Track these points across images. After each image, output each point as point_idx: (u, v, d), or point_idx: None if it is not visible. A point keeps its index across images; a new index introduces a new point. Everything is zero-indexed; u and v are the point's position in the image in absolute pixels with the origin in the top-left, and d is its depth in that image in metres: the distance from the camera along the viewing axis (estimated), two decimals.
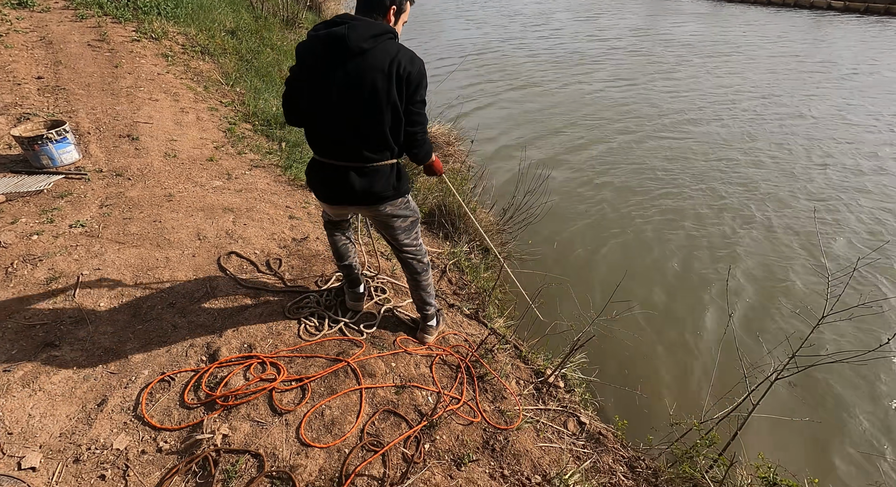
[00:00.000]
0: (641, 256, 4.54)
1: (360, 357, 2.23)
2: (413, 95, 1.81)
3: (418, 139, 1.93)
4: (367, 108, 1.81)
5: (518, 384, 2.70)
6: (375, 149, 1.90)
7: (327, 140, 1.92)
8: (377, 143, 1.89)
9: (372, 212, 2.12)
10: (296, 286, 2.68)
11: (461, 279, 3.64)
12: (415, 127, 1.88)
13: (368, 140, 1.87)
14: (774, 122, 7.67)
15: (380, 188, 1.96)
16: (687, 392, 3.12)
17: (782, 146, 6.84)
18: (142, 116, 4.42)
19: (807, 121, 7.80)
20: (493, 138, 7.06)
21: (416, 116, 1.86)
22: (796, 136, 7.16)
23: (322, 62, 1.81)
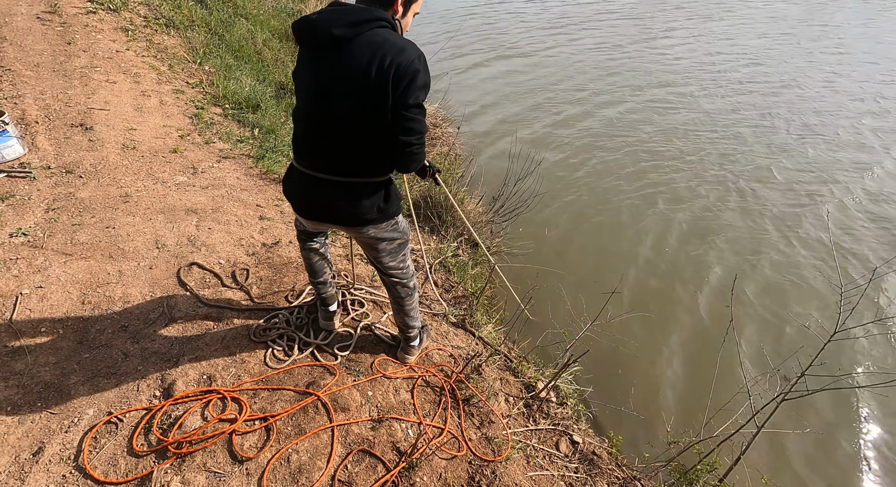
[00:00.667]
0: (636, 245, 4.34)
1: (332, 387, 2.02)
2: (404, 96, 1.49)
3: (413, 153, 1.60)
4: (344, 113, 1.53)
5: (507, 402, 2.53)
6: (358, 162, 1.63)
7: (304, 145, 1.65)
8: (360, 156, 1.62)
9: (353, 233, 1.87)
10: (263, 302, 2.44)
11: (447, 280, 3.42)
12: (408, 135, 1.55)
13: (349, 151, 1.60)
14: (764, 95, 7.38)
15: (363, 209, 1.70)
16: (686, 400, 2.98)
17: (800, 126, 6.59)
18: (97, 102, 4.04)
19: (792, 91, 7.54)
20: (480, 114, 6.71)
21: (409, 123, 1.53)
22: (779, 109, 6.91)
23: (302, 53, 1.57)
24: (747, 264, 4.04)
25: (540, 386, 2.72)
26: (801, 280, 3.80)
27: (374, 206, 1.73)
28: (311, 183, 1.69)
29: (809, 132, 6.47)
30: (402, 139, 1.57)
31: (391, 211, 1.81)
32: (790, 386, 2.15)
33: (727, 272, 3.92)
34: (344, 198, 1.68)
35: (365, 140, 1.58)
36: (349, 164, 1.64)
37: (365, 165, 1.65)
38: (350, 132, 1.57)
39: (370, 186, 1.71)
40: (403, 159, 1.63)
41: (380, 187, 1.73)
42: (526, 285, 3.70)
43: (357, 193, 1.69)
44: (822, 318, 3.19)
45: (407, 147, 1.59)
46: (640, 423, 2.90)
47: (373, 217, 1.75)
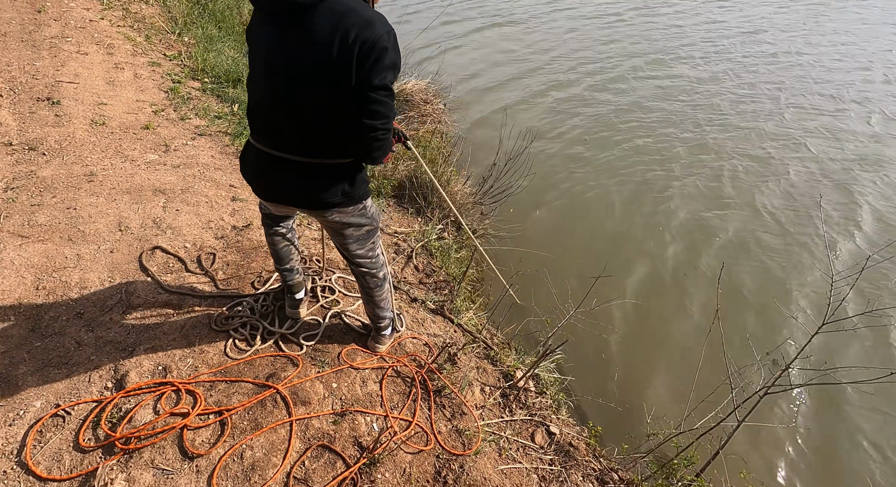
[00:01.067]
0: (628, 227, 4.21)
1: (293, 379, 1.93)
2: (369, 76, 1.35)
3: (378, 139, 1.47)
4: (303, 88, 1.39)
5: (483, 392, 2.45)
6: (320, 143, 1.50)
7: (260, 121, 1.52)
8: (322, 136, 1.49)
9: (317, 217, 1.76)
10: (228, 289, 2.34)
11: (429, 264, 3.31)
12: (373, 119, 1.42)
13: (310, 130, 1.47)
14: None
15: (326, 193, 1.58)
16: (671, 390, 2.90)
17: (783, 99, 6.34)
18: (66, 74, 3.85)
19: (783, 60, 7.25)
20: (472, 87, 6.47)
21: (374, 105, 1.40)
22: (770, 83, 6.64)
23: (258, 19, 1.43)
24: (739, 251, 3.90)
25: (519, 375, 2.64)
26: (794, 271, 3.67)
27: (339, 190, 1.61)
28: (268, 162, 1.56)
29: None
30: (367, 123, 1.44)
31: (358, 194, 1.68)
32: (773, 380, 2.06)
33: (718, 257, 3.80)
34: (305, 179, 1.56)
35: (327, 119, 1.45)
36: (310, 144, 1.51)
37: (328, 146, 1.52)
38: (310, 110, 1.43)
39: (335, 168, 1.58)
40: (367, 146, 1.50)
41: (345, 170, 1.60)
42: (514, 269, 3.59)
43: (320, 175, 1.56)
44: (811, 309, 3.08)
45: (371, 131, 1.46)
46: (623, 412, 2.83)
47: (337, 201, 1.63)
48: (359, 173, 1.67)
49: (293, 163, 1.54)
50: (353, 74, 1.37)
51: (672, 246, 3.99)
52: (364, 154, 1.55)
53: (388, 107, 1.46)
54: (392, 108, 1.49)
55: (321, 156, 1.53)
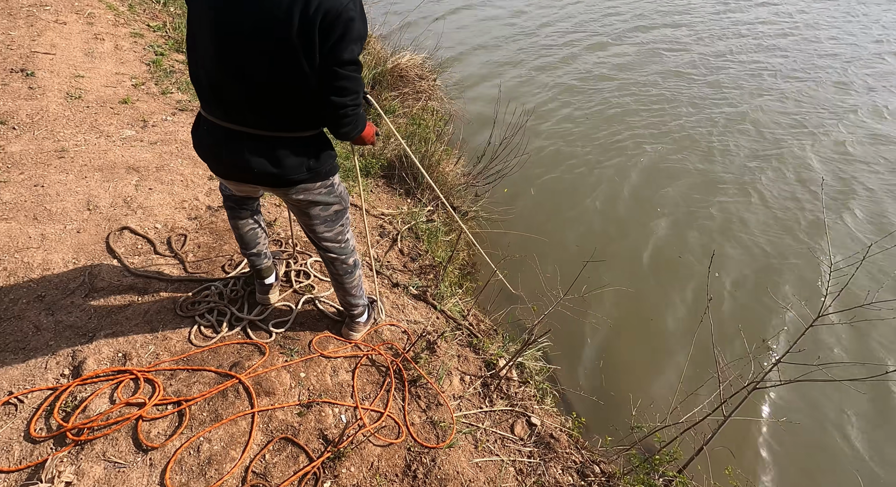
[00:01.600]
0: (622, 210, 4.07)
1: (257, 369, 1.85)
2: (336, 51, 1.24)
3: (348, 115, 1.38)
4: (258, 58, 1.26)
5: (462, 381, 2.37)
6: (280, 115, 1.38)
7: (210, 91, 1.39)
8: (281, 108, 1.37)
9: (281, 196, 1.65)
10: (198, 272, 2.25)
11: (415, 248, 3.20)
12: (342, 96, 1.33)
13: (267, 101, 1.35)
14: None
15: (287, 168, 1.47)
16: (658, 378, 2.82)
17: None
18: (43, 44, 3.70)
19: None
20: (469, 58, 6.24)
21: (342, 82, 1.31)
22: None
23: None
24: (732, 236, 3.75)
25: (502, 363, 2.56)
26: (788, 260, 3.52)
27: (303, 165, 1.50)
28: (222, 136, 1.44)
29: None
30: (335, 101, 1.34)
31: (323, 170, 1.57)
32: (763, 375, 1.96)
33: (711, 242, 3.65)
34: (264, 154, 1.44)
35: (288, 92, 1.32)
36: (269, 117, 1.38)
37: (289, 118, 1.40)
38: (266, 81, 1.30)
39: (296, 142, 1.46)
40: (337, 124, 1.41)
41: (309, 143, 1.49)
42: (502, 254, 3.48)
43: (280, 149, 1.44)
44: (804, 298, 2.94)
45: (340, 109, 1.36)
46: (609, 402, 2.75)
47: (301, 177, 1.52)
48: (324, 147, 1.55)
49: (251, 137, 1.42)
50: (317, 48, 1.24)
51: (666, 229, 3.85)
52: (332, 129, 1.46)
53: (356, 82, 1.35)
54: (361, 83, 1.38)
55: (282, 129, 1.42)
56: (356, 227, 3.08)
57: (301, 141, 1.47)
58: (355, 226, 3.10)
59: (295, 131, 1.44)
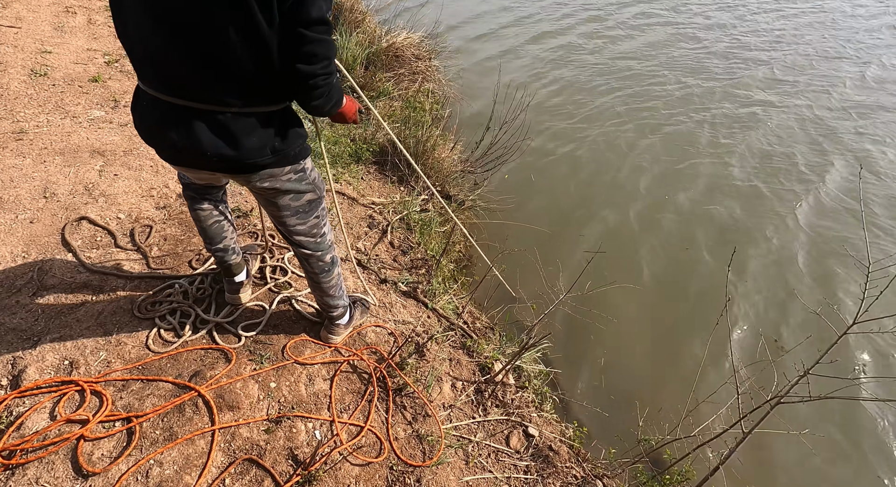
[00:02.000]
0: (631, 198, 3.83)
1: (220, 379, 1.65)
2: (297, 6, 1.02)
3: (318, 86, 1.16)
4: (197, 14, 1.03)
5: (454, 388, 2.17)
6: (234, 85, 1.15)
7: (147, 58, 1.15)
8: (233, 76, 1.13)
9: (241, 182, 1.43)
10: (161, 268, 2.03)
11: (407, 240, 2.98)
12: (311, 63, 1.11)
13: (215, 68, 1.12)
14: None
15: (247, 150, 1.24)
16: (670, 384, 2.61)
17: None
18: (8, 17, 3.44)
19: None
20: (469, 37, 5.94)
21: (310, 46, 1.09)
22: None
23: None
24: (755, 230, 3.51)
25: (497, 367, 2.36)
26: (820, 253, 3.27)
27: (266, 146, 1.27)
28: (166, 113, 1.20)
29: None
30: (303, 69, 1.11)
31: (292, 152, 1.34)
32: (788, 388, 1.75)
33: (731, 236, 3.42)
34: (217, 133, 1.20)
35: (239, 55, 1.08)
36: (222, 87, 1.15)
37: (247, 89, 1.16)
38: (213, 44, 1.07)
39: (257, 118, 1.23)
40: (307, 96, 1.19)
41: (272, 119, 1.26)
42: (504, 247, 3.26)
43: (239, 127, 1.21)
44: (837, 300, 2.71)
45: (310, 79, 1.13)
46: (615, 409, 2.55)
47: (265, 161, 1.29)
48: (292, 124, 1.32)
49: (200, 113, 1.18)
50: (275, 4, 1.01)
51: (678, 221, 3.62)
52: (301, 103, 1.24)
53: (327, 45, 1.12)
54: (332, 46, 1.14)
55: (238, 102, 1.18)
56: (343, 217, 2.86)
57: (263, 117, 1.23)
58: (342, 215, 2.88)
59: (255, 105, 1.21)
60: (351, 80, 1.50)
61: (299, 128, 1.36)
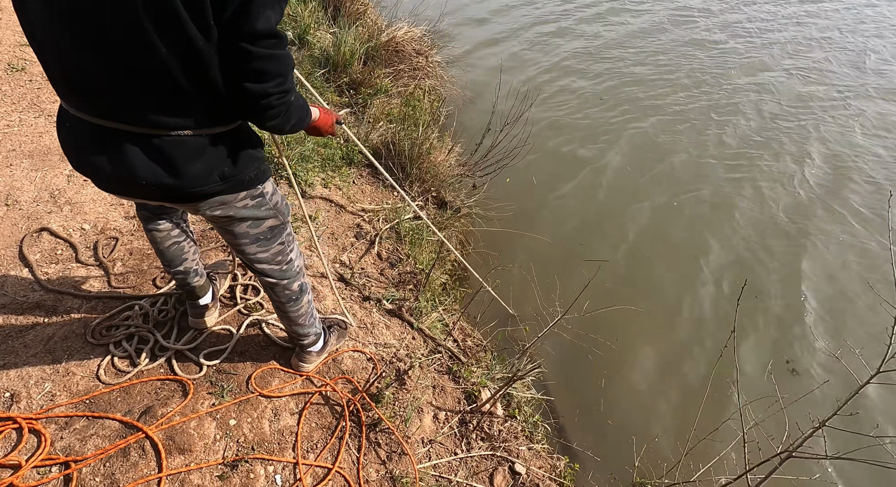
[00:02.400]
0: (638, 205, 3.63)
1: (171, 418, 1.51)
2: (238, 18, 0.86)
3: (272, 106, 0.99)
4: (119, 22, 0.87)
5: (436, 419, 2.03)
6: (167, 104, 0.99)
7: (62, 73, 0.99)
8: (168, 95, 0.97)
9: (189, 211, 1.28)
10: (122, 287, 1.89)
11: (396, 251, 2.82)
12: (260, 81, 0.94)
13: (146, 85, 0.95)
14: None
15: (190, 177, 1.08)
16: (668, 417, 2.44)
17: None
18: None
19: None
20: (475, 32, 5.72)
21: (256, 62, 0.92)
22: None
23: None
24: (768, 256, 3.28)
25: (484, 395, 2.21)
26: (843, 295, 3.00)
27: (213, 172, 1.11)
28: (92, 136, 1.04)
29: None
30: (251, 89, 0.94)
31: (245, 177, 1.18)
32: (801, 442, 1.58)
33: (741, 261, 3.21)
34: (153, 159, 1.04)
35: (173, 68, 0.92)
36: (152, 105, 0.98)
37: (184, 106, 1.00)
38: (141, 53, 0.90)
39: (201, 140, 1.06)
40: (259, 117, 1.02)
41: (220, 142, 1.09)
42: (499, 262, 3.09)
43: (176, 152, 1.04)
44: (861, 347, 2.46)
45: (262, 98, 0.96)
46: (611, 439, 2.39)
47: (213, 188, 1.13)
48: (246, 146, 1.16)
49: (132, 137, 1.02)
50: (210, 12, 0.85)
51: (692, 234, 3.42)
52: (256, 124, 1.08)
53: (279, 61, 0.95)
54: (286, 61, 0.97)
55: (177, 123, 1.01)
56: (329, 227, 2.70)
57: (209, 139, 1.07)
58: (329, 223, 2.73)
59: (198, 127, 1.04)
60: (315, 95, 1.33)
61: (254, 149, 1.19)
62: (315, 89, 3.98)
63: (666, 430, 2.33)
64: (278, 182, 2.82)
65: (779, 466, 1.59)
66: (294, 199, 2.69)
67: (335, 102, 3.94)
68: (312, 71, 4.02)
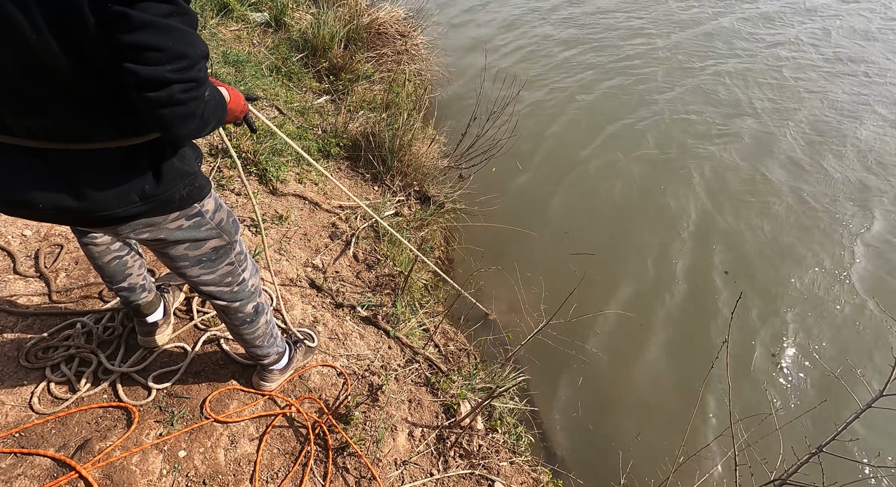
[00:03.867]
0: (628, 201, 3.49)
1: (111, 453, 1.37)
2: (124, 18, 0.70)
3: (177, 101, 0.77)
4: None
5: (411, 437, 1.91)
6: (60, 109, 0.82)
7: None
8: (58, 96, 0.80)
9: (109, 234, 1.13)
10: (64, 301, 1.73)
11: (374, 252, 2.67)
12: (150, 62, 0.73)
13: (30, 84, 0.79)
14: None
15: (100, 199, 0.91)
16: (656, 430, 2.34)
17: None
18: None
19: None
20: (461, 12, 5.46)
21: (139, 34, 0.72)
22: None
23: None
24: (763, 257, 3.13)
25: (464, 409, 2.09)
26: (848, 315, 2.84)
27: (130, 191, 0.94)
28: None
29: None
30: (139, 73, 0.73)
31: (175, 196, 1.01)
32: (795, 468, 1.48)
33: (741, 268, 3.06)
34: (54, 179, 0.88)
35: (51, 56, 0.74)
36: (39, 111, 0.81)
37: (81, 111, 0.82)
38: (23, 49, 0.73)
39: (110, 154, 0.90)
40: (158, 121, 0.79)
41: (136, 155, 0.92)
42: (482, 265, 2.95)
43: (80, 169, 0.88)
44: (862, 366, 2.30)
45: (157, 87, 0.75)
46: (597, 451, 2.29)
47: (132, 210, 0.96)
48: (169, 159, 0.98)
49: (20, 151, 0.86)
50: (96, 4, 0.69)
51: (687, 229, 3.29)
52: (158, 130, 0.86)
53: (176, 35, 0.74)
54: (190, 38, 0.76)
55: (78, 135, 0.85)
56: (302, 226, 2.54)
57: (121, 153, 0.89)
58: (301, 223, 2.56)
59: (105, 138, 0.87)
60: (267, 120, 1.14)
61: (184, 163, 1.01)
62: (293, 75, 3.78)
63: (655, 437, 2.24)
64: (247, 178, 2.64)
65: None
66: (246, 195, 2.50)
67: (314, 89, 3.73)
68: (289, 55, 3.78)
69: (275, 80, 3.44)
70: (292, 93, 3.44)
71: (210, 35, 3.44)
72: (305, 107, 3.37)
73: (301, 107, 3.35)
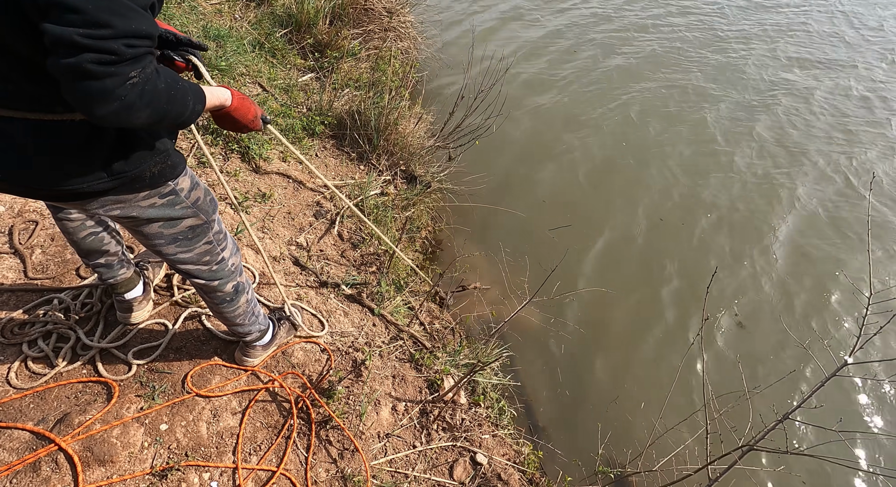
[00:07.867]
0: (611, 180, 3.51)
1: (90, 426, 1.37)
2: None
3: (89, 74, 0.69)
4: None
5: (394, 411, 1.94)
6: (14, 75, 0.80)
7: None
8: (11, 61, 0.78)
9: (77, 209, 1.12)
10: (41, 277, 1.71)
11: (359, 231, 2.66)
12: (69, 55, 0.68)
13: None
14: None
15: (64, 174, 0.90)
16: (635, 403, 2.39)
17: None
18: None
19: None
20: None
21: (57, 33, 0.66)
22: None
23: None
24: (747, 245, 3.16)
25: (447, 384, 2.12)
26: (814, 282, 2.90)
27: (96, 167, 0.92)
28: None
29: None
30: (46, 30, 0.67)
31: (147, 173, 0.99)
32: (762, 435, 1.53)
33: (720, 242, 3.11)
34: (9, 150, 0.86)
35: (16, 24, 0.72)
36: (9, 80, 0.80)
37: (37, 77, 0.79)
38: None
39: (74, 127, 0.87)
40: (64, 87, 0.72)
41: (102, 130, 0.89)
42: (458, 252, 2.95)
43: (40, 141, 0.86)
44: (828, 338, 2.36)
45: (56, 52, 0.68)
46: (579, 424, 2.34)
47: (100, 186, 0.94)
48: (139, 135, 0.96)
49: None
50: None
51: (667, 208, 3.32)
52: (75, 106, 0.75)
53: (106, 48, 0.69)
54: (116, 6, 0.70)
55: (33, 104, 0.82)
56: (285, 205, 2.51)
57: (85, 126, 0.86)
58: (285, 202, 2.53)
59: (65, 109, 0.84)
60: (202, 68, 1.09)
61: (155, 140, 0.99)
62: (277, 51, 3.69)
63: (633, 418, 2.29)
64: (229, 156, 2.60)
65: (741, 458, 1.54)
66: (214, 174, 2.47)
67: (298, 66, 3.65)
68: (273, 31, 3.69)
69: (258, 57, 3.36)
70: (276, 70, 3.37)
71: (190, 8, 3.34)
72: (290, 85, 3.30)
73: (285, 85, 3.29)
